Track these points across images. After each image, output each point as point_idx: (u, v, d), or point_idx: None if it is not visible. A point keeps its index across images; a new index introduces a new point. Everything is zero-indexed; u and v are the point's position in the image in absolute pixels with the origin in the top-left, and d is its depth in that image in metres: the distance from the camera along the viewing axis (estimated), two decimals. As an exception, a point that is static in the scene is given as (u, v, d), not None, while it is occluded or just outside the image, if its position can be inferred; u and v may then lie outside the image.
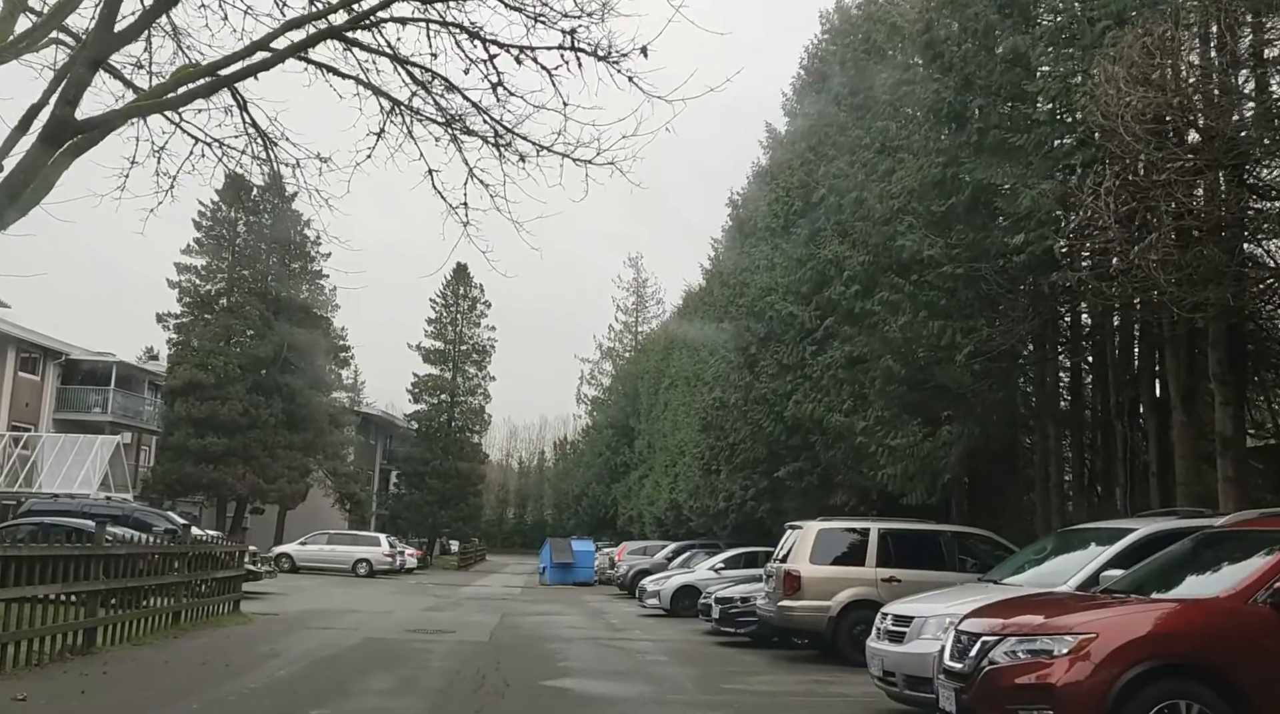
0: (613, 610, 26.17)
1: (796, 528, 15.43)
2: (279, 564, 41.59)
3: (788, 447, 24.06)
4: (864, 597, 14.00)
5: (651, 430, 57.75)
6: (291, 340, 44.23)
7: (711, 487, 33.76)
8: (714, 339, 35.20)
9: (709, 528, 40.10)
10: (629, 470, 65.30)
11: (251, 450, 42.50)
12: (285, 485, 43.68)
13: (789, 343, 23.90)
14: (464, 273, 62.70)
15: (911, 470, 18.25)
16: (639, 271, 76.60)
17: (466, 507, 60.55)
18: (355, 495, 54.35)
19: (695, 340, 40.49)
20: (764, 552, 24.07)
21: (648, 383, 62.07)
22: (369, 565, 41.97)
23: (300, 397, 44.63)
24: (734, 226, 34.02)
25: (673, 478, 46.81)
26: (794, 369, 23.57)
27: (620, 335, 75.34)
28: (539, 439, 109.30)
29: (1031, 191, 13.70)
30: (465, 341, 62.46)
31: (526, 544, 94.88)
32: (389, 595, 29.47)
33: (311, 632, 17.02)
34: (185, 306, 43.95)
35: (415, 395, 61.28)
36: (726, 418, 27.78)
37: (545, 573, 42.19)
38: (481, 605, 26.57)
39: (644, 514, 56.51)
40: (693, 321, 45.36)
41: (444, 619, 21.09)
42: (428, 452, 59.87)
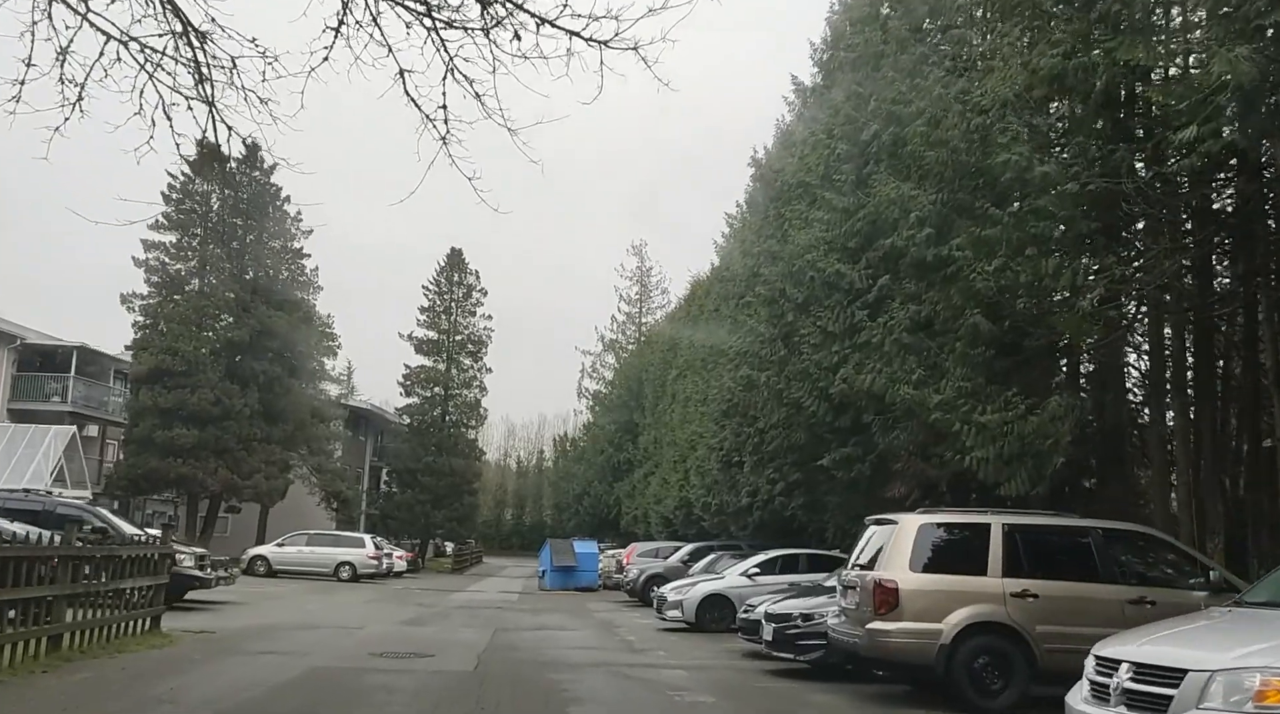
0: (625, 623, 22.20)
1: (885, 522, 11.43)
2: (253, 568, 37.82)
3: (834, 430, 20.12)
4: (988, 618, 10.08)
5: (658, 424, 53.86)
6: (269, 324, 40.23)
7: (732, 481, 29.83)
8: (733, 318, 31.31)
9: (725, 528, 36.33)
10: (633, 468, 61.42)
11: (225, 443, 38.51)
12: (262, 482, 39.66)
13: (834, 307, 19.96)
14: (458, 258, 58.80)
15: (1009, 453, 14.30)
16: (643, 260, 72.70)
17: (461, 506, 56.51)
18: (342, 494, 50.32)
19: (714, 318, 36.64)
20: (806, 554, 20.20)
21: (653, 375, 58.20)
22: (352, 569, 38.00)
23: (279, 385, 40.62)
24: (759, 188, 30.12)
25: (683, 474, 43.14)
26: (842, 337, 19.63)
27: (623, 326, 71.40)
28: (538, 438, 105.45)
29: (1223, 55, 9.76)
30: (460, 332, 58.47)
31: (525, 546, 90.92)
32: (366, 604, 25.50)
33: (244, 659, 13.05)
34: (153, 287, 39.95)
35: (407, 388, 57.29)
36: (755, 400, 23.88)
37: (545, 577, 38.23)
38: (471, 617, 22.61)
39: (650, 514, 52.73)
40: (707, 301, 41.50)
41: (423, 637, 17.12)
42: (420, 448, 55.84)
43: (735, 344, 28.67)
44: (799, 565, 19.96)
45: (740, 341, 28.13)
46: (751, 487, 27.77)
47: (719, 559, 24.23)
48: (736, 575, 19.82)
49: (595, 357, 70.79)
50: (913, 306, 17.31)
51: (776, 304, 21.96)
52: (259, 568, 37.71)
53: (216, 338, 40.42)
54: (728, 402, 28.68)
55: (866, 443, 19.63)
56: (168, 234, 40.01)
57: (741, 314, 28.63)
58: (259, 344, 41.06)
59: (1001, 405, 14.92)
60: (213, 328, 40.42)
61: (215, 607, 20.83)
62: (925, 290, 17.12)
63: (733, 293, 31.95)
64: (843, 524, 22.22)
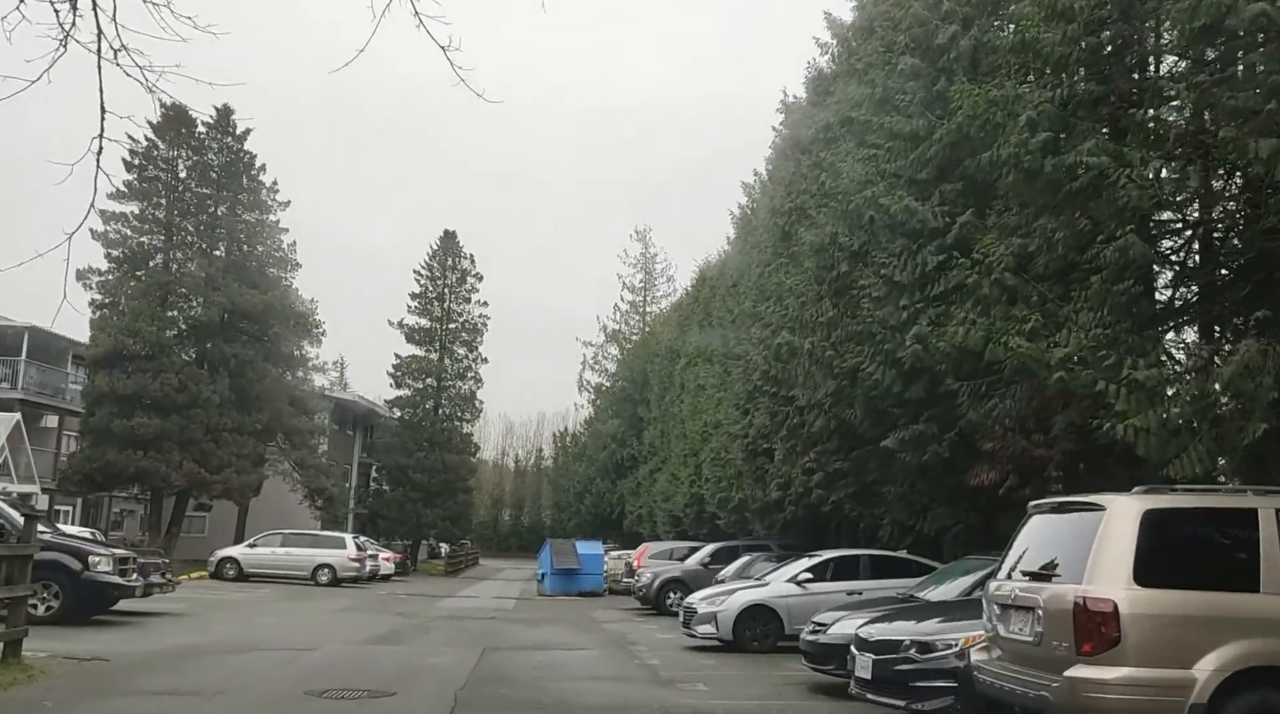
0: (643, 638, 18.22)
1: (1071, 509, 7.39)
2: (222, 571, 33.89)
3: (901, 402, 16.15)
4: (1269, 660, 6.15)
5: (666, 417, 49.97)
6: (242, 303, 36.24)
7: (758, 473, 25.87)
8: (758, 288, 27.35)
9: (743, 526, 32.51)
10: (637, 465, 57.51)
11: (191, 434, 34.49)
12: (234, 476, 35.64)
13: (902, 253, 16.02)
14: (452, 242, 54.86)
15: (1179, 419, 10.37)
16: (647, 246, 68.41)
17: (455, 504, 52.48)
18: (326, 491, 46.25)
19: (731, 295, 32.70)
20: (866, 556, 16.27)
21: (660, 365, 54.30)
22: (332, 572, 34.03)
23: (252, 370, 36.61)
24: (788, 135, 26.15)
25: (694, 469, 39.33)
26: (912, 288, 15.70)
27: (626, 316, 67.26)
28: (536, 436, 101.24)
29: None
30: (454, 319, 54.49)
31: (524, 547, 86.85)
32: (336, 615, 21.55)
33: (119, 704, 9.11)
34: (113, 262, 35.94)
35: (397, 379, 53.27)
36: (795, 372, 19.89)
37: (545, 580, 34.28)
38: (457, 631, 18.65)
39: (656, 512, 48.87)
40: (721, 281, 37.58)
41: (389, 662, 13.15)
42: (411, 442, 51.83)
43: (767, 311, 24.69)
44: (858, 570, 16.02)
45: (770, 310, 24.19)
46: (783, 478, 23.82)
47: (752, 562, 20.29)
48: (782, 582, 15.84)
49: (597, 348, 66.88)
50: (1017, 240, 13.40)
51: (825, 253, 17.98)
52: (228, 571, 33.78)
53: (182, 318, 36.46)
54: (755, 381, 24.72)
55: (945, 417, 15.70)
56: (129, 204, 36.02)
57: (774, 278, 24.68)
58: (230, 325, 37.09)
59: (1157, 359, 11.03)
60: (178, 307, 36.43)
61: (143, 621, 16.88)
62: (1034, 218, 13.23)
63: (757, 261, 27.99)
64: (903, 519, 18.26)
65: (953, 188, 16.31)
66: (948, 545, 17.96)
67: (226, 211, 37.56)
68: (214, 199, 37.44)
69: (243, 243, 38.08)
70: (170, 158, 36.63)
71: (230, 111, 37.69)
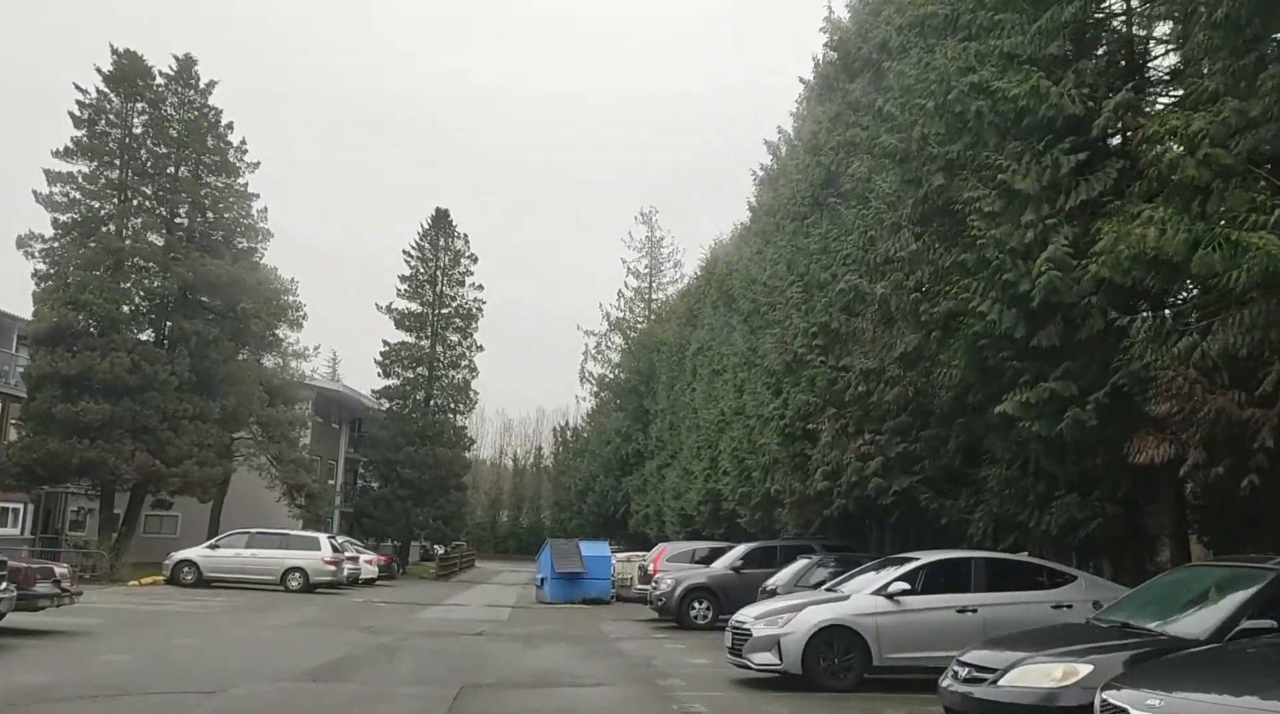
0: (674, 666, 13.91)
1: None
2: (179, 576, 29.57)
3: (1025, 353, 11.85)
4: None
5: (675, 407, 45.69)
6: (206, 275, 31.92)
7: (797, 460, 21.56)
8: (792, 243, 23.06)
9: (770, 523, 28.35)
10: (643, 460, 53.20)
11: (145, 420, 30.14)
12: (194, 469, 31.24)
13: (1024, 155, 11.73)
14: (444, 219, 50.55)
15: None
16: (652, 229, 63.61)
17: (448, 503, 48.10)
18: (307, 487, 41.92)
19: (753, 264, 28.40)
20: (981, 560, 11.99)
21: (668, 353, 50.00)
22: (304, 577, 29.74)
23: (216, 350, 32.23)
24: (834, 59, 21.77)
25: (708, 462, 35.22)
26: (1040, 199, 11.43)
27: (631, 303, 62.72)
28: (535, 434, 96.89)
29: None
30: (447, 303, 50.15)
31: (522, 549, 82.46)
32: (285, 633, 17.23)
33: None
34: (59, 228, 31.59)
35: (385, 368, 48.92)
36: (862, 329, 15.55)
37: (545, 586, 29.97)
38: (432, 655, 14.34)
39: (664, 511, 44.61)
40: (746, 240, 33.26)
41: (319, 711, 8.86)
42: (400, 436, 47.47)
43: (810, 266, 20.40)
44: (969, 578, 11.69)
45: (813, 265, 19.92)
46: (830, 465, 19.53)
47: (810, 568, 15.95)
48: (866, 595, 11.49)
49: (600, 337, 62.31)
50: (1232, 103, 9.15)
51: (908, 163, 13.67)
52: (185, 576, 29.47)
53: (137, 290, 32.14)
54: (796, 350, 20.40)
55: (1086, 372, 11.42)
56: (78, 163, 31.68)
57: (817, 228, 20.41)
58: (193, 300, 32.82)
59: None
60: (133, 278, 32.09)
61: (11, 645, 12.56)
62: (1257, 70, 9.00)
63: (791, 214, 23.65)
64: (1009, 512, 13.95)
65: (1095, 64, 12.09)
66: (1076, 547, 13.70)
67: (189, 174, 33.20)
68: (174, 159, 33.07)
69: (207, 209, 33.73)
70: (124, 112, 32.27)
71: (193, 62, 33.48)
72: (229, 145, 33.92)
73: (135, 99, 32.38)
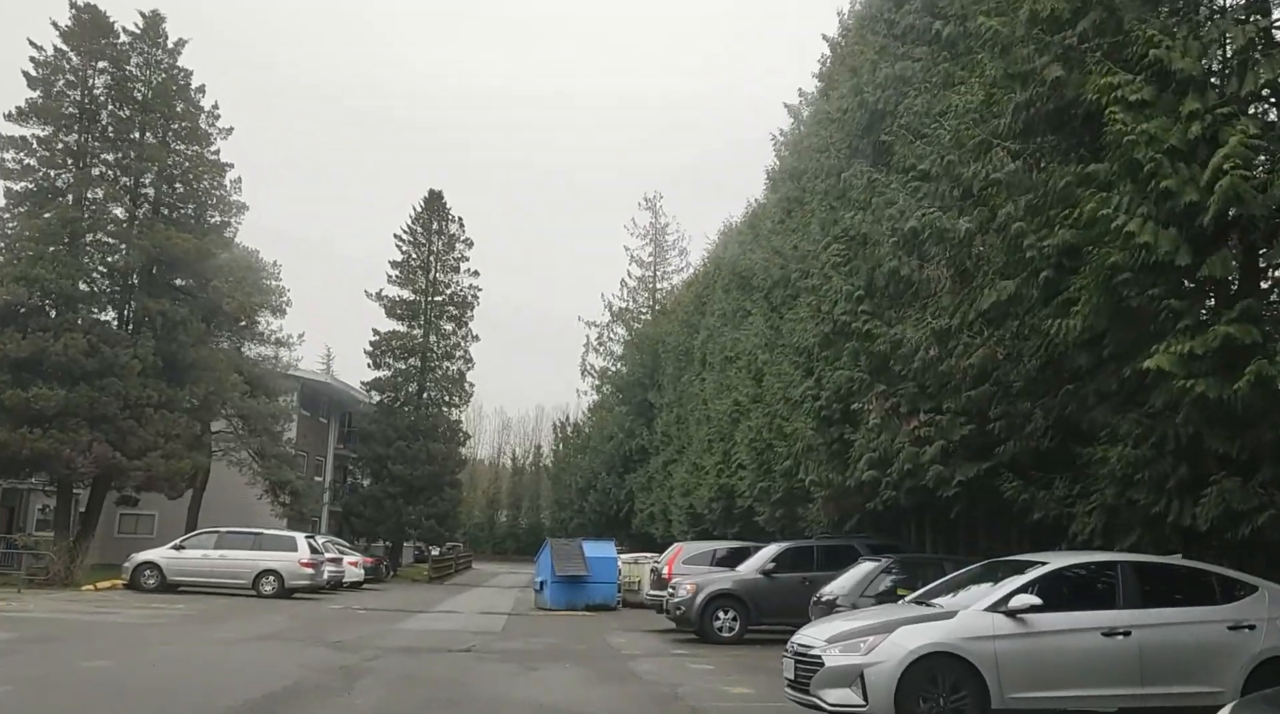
0: (711, 699, 10.85)
1: None
2: (140, 580, 26.52)
3: (1180, 291, 8.86)
4: None
5: (683, 399, 42.73)
6: (173, 250, 28.89)
7: (836, 448, 18.53)
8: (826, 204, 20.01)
9: (793, 521, 25.46)
10: (648, 457, 50.22)
11: (103, 408, 27.10)
12: (160, 463, 28.18)
13: (1185, 23, 8.75)
14: (438, 201, 47.52)
15: None
16: (657, 215, 60.34)
17: (441, 501, 45.04)
18: (291, 484, 38.90)
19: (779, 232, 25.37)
20: (1129, 565, 8.92)
21: (674, 343, 47.02)
22: (278, 581, 26.71)
23: (185, 332, 29.21)
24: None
25: (720, 456, 32.33)
26: (1206, 83, 8.45)
27: (634, 292, 59.51)
28: (535, 432, 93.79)
29: None
30: (440, 291, 47.12)
31: (521, 550, 79.41)
32: (230, 651, 14.18)
33: None
34: (12, 198, 28.58)
35: (376, 358, 45.86)
36: (936, 276, 12.53)
37: (545, 590, 26.95)
38: (403, 683, 11.31)
39: (671, 509, 41.65)
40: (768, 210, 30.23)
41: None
42: (390, 430, 44.43)
43: (856, 219, 17.37)
44: (1118, 589, 8.63)
45: (860, 220, 16.91)
46: (878, 451, 16.51)
47: (877, 577, 12.86)
48: (978, 612, 8.45)
49: (601, 328, 59.07)
50: None
51: (1012, 53, 10.57)
52: (147, 580, 26.43)
53: (96, 265, 29.11)
54: (837, 317, 17.34)
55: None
56: (33, 126, 28.65)
57: (862, 172, 17.39)
58: (159, 277, 29.82)
59: None
60: (92, 253, 29.06)
61: None
62: None
63: (827, 169, 20.57)
64: (1137, 503, 10.87)
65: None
66: (1235, 547, 10.64)
67: (155, 141, 30.15)
68: (139, 124, 30.04)
69: (175, 180, 30.69)
70: (83, 72, 29.22)
71: (160, 19, 30.46)
72: (199, 110, 30.91)
73: (96, 58, 29.34)
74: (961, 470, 14.74)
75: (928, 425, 15.30)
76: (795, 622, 17.69)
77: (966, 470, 14.67)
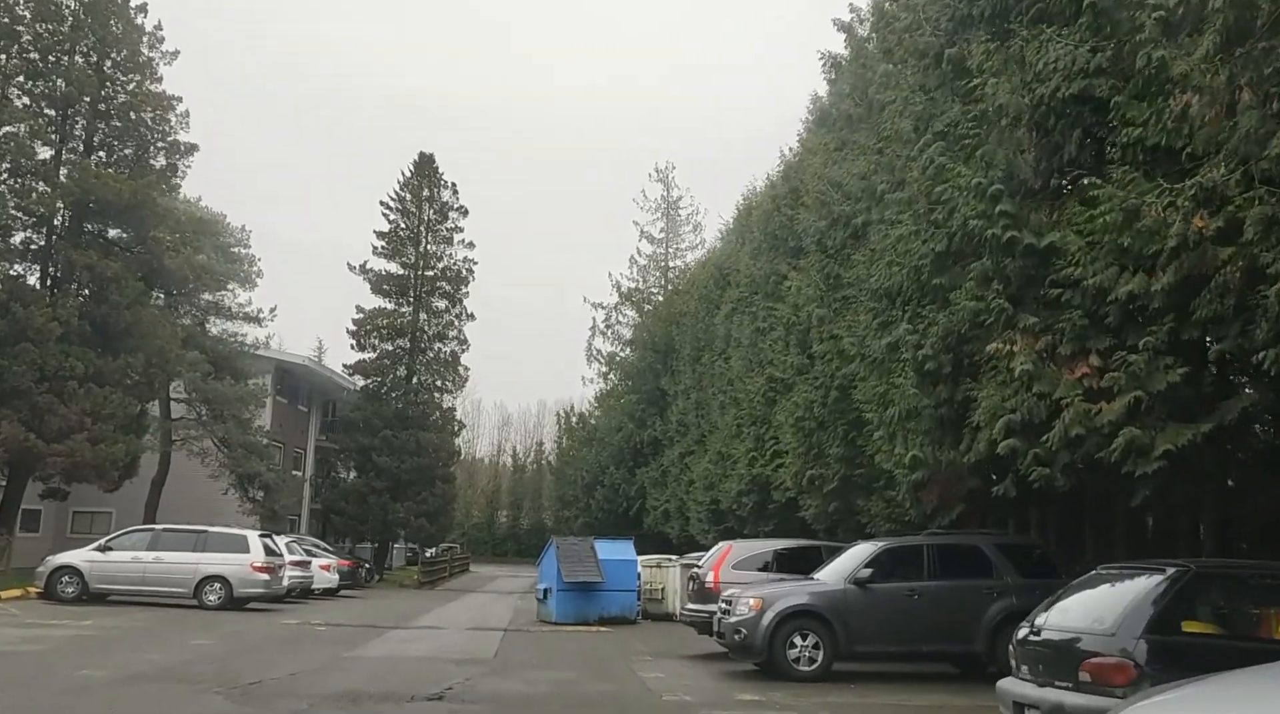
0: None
1: None
2: (56, 588, 21.54)
3: None
4: None
5: (703, 382, 37.83)
6: (104, 192, 23.95)
7: (944, 413, 13.49)
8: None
9: (850, 515, 20.78)
10: (660, 449, 45.23)
11: (14, 380, 22.20)
12: (86, 447, 23.26)
13: None
14: (428, 165, 42.47)
15: None
16: (669, 187, 54.90)
17: (432, 497, 39.97)
18: (260, 477, 34.04)
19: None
20: None
21: (691, 324, 42.04)
22: (225, 589, 21.79)
23: (119, 291, 24.25)
24: None
25: (754, 442, 27.52)
26: None
27: (645, 271, 54.41)
28: (536, 429, 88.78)
29: None
30: (432, 264, 42.07)
31: (521, 551, 74.41)
32: (77, 703, 9.16)
33: None
34: (-91, 129, 23.68)
35: (360, 339, 40.81)
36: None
37: (550, 600, 21.96)
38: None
39: (689, 505, 36.71)
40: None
41: None
42: (376, 417, 39.40)
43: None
44: None
45: (981, 71, 11.94)
46: (1022, 410, 11.48)
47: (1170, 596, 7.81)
48: None
49: (609, 309, 53.89)
50: None
51: None
52: (65, 588, 21.49)
53: (9, 210, 24.14)
54: (955, 233, 12.33)
55: None
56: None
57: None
58: (85, 224, 24.84)
59: None
60: (5, 197, 24.08)
61: None
62: None
63: (917, 47, 15.57)
64: None
65: None
66: None
67: (87, 66, 25.19)
68: (66, 47, 25.09)
69: (112, 114, 25.73)
70: (-3, -19, 24.33)
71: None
72: (140, 32, 25.95)
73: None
74: (1165, 437, 9.89)
75: (1106, 370, 10.46)
76: (899, 651, 12.62)
77: (1175, 436, 9.83)
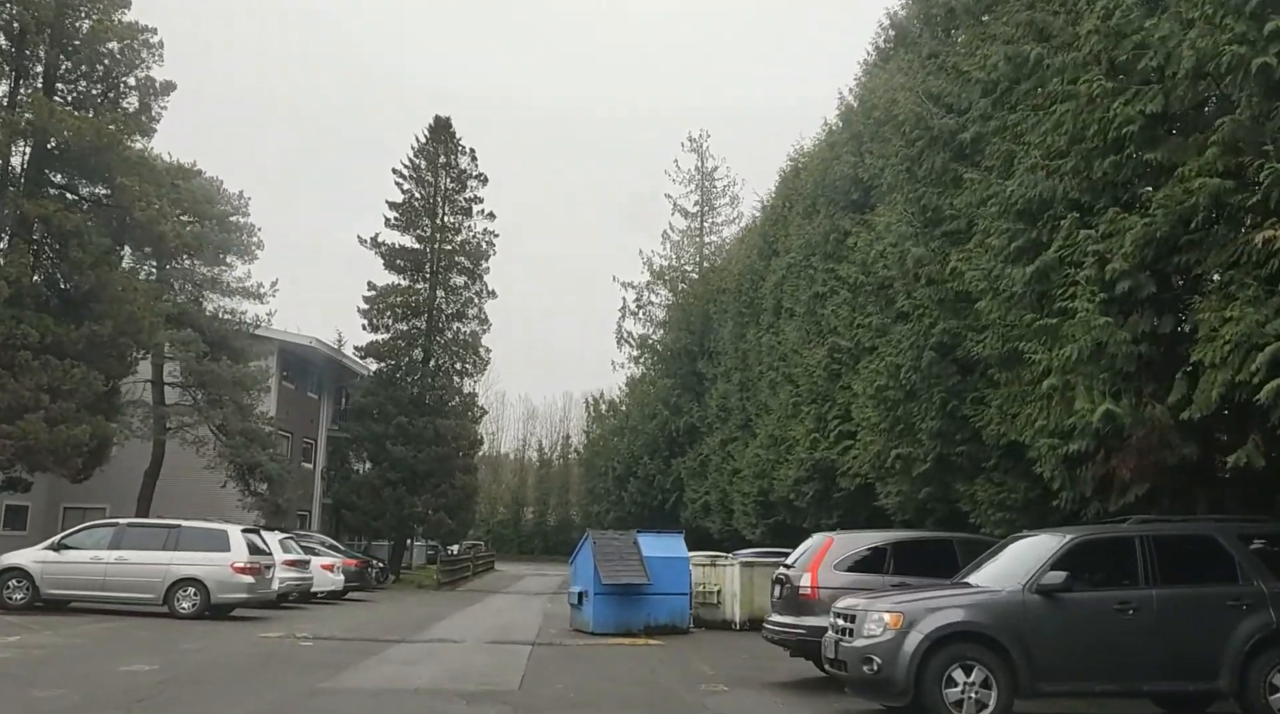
0: None
1: None
2: (6, 593, 18.03)
3: None
4: None
5: (749, 361, 33.96)
6: (63, 131, 20.35)
7: (1144, 351, 9.56)
8: None
9: (948, 501, 17.02)
10: (698, 437, 41.40)
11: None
12: (43, 431, 19.66)
13: None
14: (445, 129, 38.74)
15: None
16: (703, 158, 50.63)
17: (452, 489, 36.26)
18: (262, 467, 30.49)
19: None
20: None
21: (732, 298, 38.17)
22: (202, 593, 18.15)
23: (81, 248, 20.64)
24: None
25: (815, 423, 23.72)
26: None
27: (679, 247, 50.46)
28: (562, 423, 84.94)
29: None
30: (450, 238, 38.35)
31: (549, 549, 70.72)
32: None
33: None
34: None
35: (372, 318, 37.15)
36: None
37: (585, 605, 18.17)
38: None
39: (732, 498, 32.91)
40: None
41: None
42: (389, 402, 35.76)
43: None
44: None
45: None
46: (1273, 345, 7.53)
47: None
48: None
49: (640, 288, 49.87)
50: None
51: None
52: (11, 594, 17.99)
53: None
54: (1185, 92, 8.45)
55: None
56: None
57: None
58: (46, 171, 21.25)
59: None
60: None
61: None
62: None
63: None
64: None
65: None
66: None
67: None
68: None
69: (78, 50, 22.14)
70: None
71: None
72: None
73: None
74: None
75: None
76: (1106, 690, 8.72)
77: None
